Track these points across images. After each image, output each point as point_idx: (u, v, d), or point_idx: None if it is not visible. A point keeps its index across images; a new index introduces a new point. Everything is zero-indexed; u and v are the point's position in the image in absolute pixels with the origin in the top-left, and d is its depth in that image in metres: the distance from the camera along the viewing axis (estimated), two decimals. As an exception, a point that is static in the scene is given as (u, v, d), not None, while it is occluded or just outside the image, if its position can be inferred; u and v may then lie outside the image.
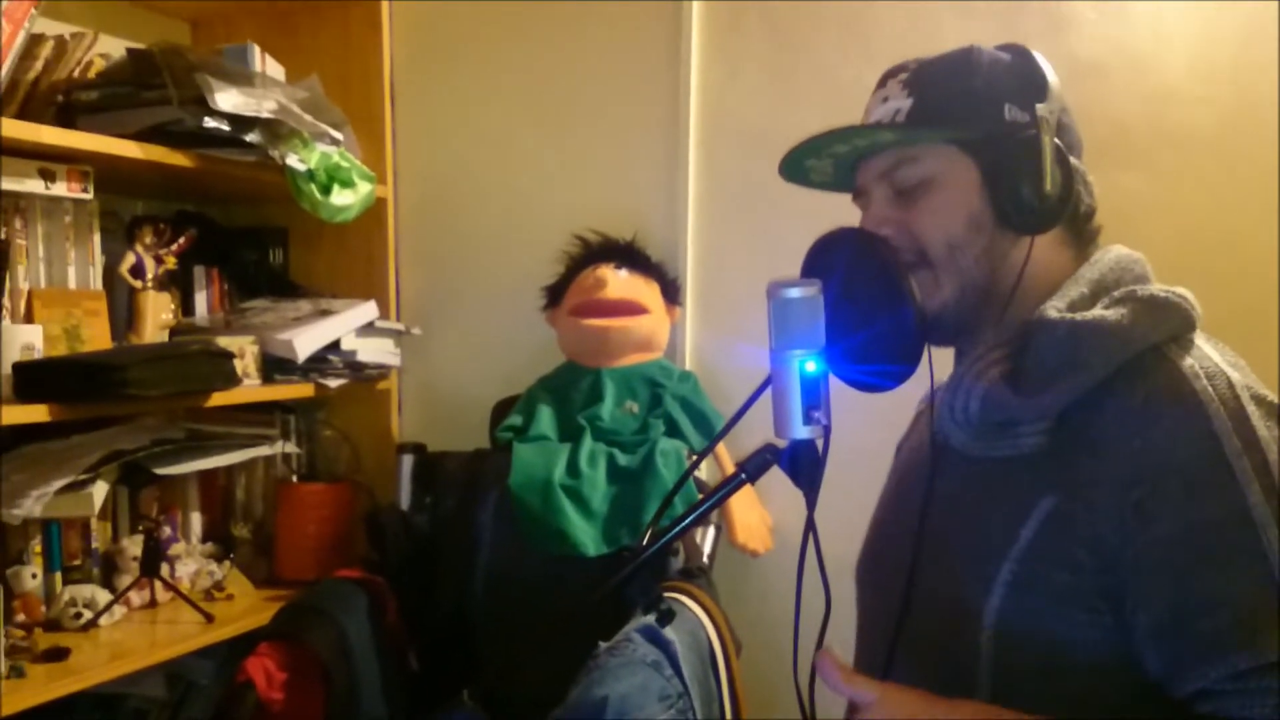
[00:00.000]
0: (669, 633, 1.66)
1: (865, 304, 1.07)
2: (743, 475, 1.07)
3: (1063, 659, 1.00)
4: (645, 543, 1.10)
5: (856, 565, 1.31)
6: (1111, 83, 2.04)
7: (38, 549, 1.98)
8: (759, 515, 2.19)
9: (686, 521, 1.11)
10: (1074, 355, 1.01)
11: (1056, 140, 1.09)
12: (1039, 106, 1.10)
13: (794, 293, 1.02)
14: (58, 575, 2.01)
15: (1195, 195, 2.00)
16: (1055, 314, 1.04)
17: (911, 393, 1.19)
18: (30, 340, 1.81)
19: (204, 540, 2.35)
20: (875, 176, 1.17)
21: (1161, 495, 0.96)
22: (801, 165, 1.23)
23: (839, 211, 1.23)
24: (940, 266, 1.12)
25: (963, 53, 1.16)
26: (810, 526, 1.05)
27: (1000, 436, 1.06)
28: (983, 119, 1.12)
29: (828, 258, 1.12)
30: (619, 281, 2.22)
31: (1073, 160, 1.11)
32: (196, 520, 2.34)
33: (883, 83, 1.19)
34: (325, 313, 2.35)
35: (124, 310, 2.17)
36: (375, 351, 2.43)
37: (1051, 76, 1.13)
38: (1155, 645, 0.96)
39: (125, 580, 2.08)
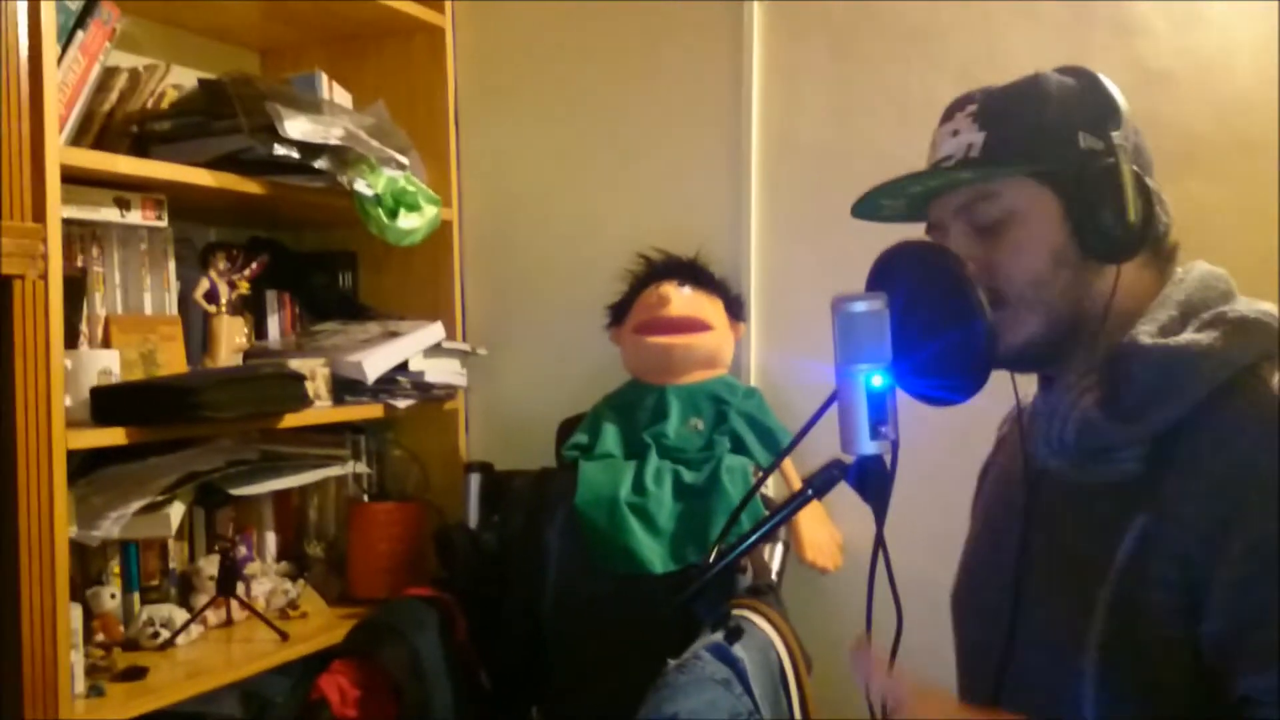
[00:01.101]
0: (738, 650, 1.65)
1: (932, 316, 1.06)
2: (809, 491, 1.07)
3: (1163, 675, 1.01)
4: (712, 559, 1.10)
5: (952, 596, 1.31)
6: (1181, 91, 2.01)
7: (116, 570, 2.02)
8: (829, 533, 2.18)
9: (753, 538, 1.11)
10: (1169, 381, 1.02)
11: (1134, 166, 1.08)
12: (1114, 134, 1.09)
13: (859, 307, 1.02)
14: (136, 595, 2.05)
15: (1267, 203, 1.95)
16: (1148, 340, 1.05)
17: (984, 407, 1.18)
18: (107, 365, 1.84)
19: (278, 559, 2.38)
20: (952, 213, 1.15)
21: (1242, 511, 0.96)
22: (874, 203, 1.22)
23: (904, 226, 1.22)
24: (1024, 303, 1.11)
25: (1029, 82, 1.14)
26: (879, 543, 1.04)
27: (1096, 462, 1.06)
28: (1058, 150, 1.10)
29: (893, 271, 1.12)
30: (682, 299, 2.22)
31: (1148, 181, 1.10)
32: (271, 540, 2.37)
33: (950, 115, 1.17)
34: (393, 334, 2.38)
35: (199, 335, 2.21)
36: (442, 372, 2.45)
37: (1121, 99, 1.12)
38: (1216, 652, 0.97)
39: (202, 599, 2.11)
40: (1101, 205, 1.07)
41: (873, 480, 1.02)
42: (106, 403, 1.79)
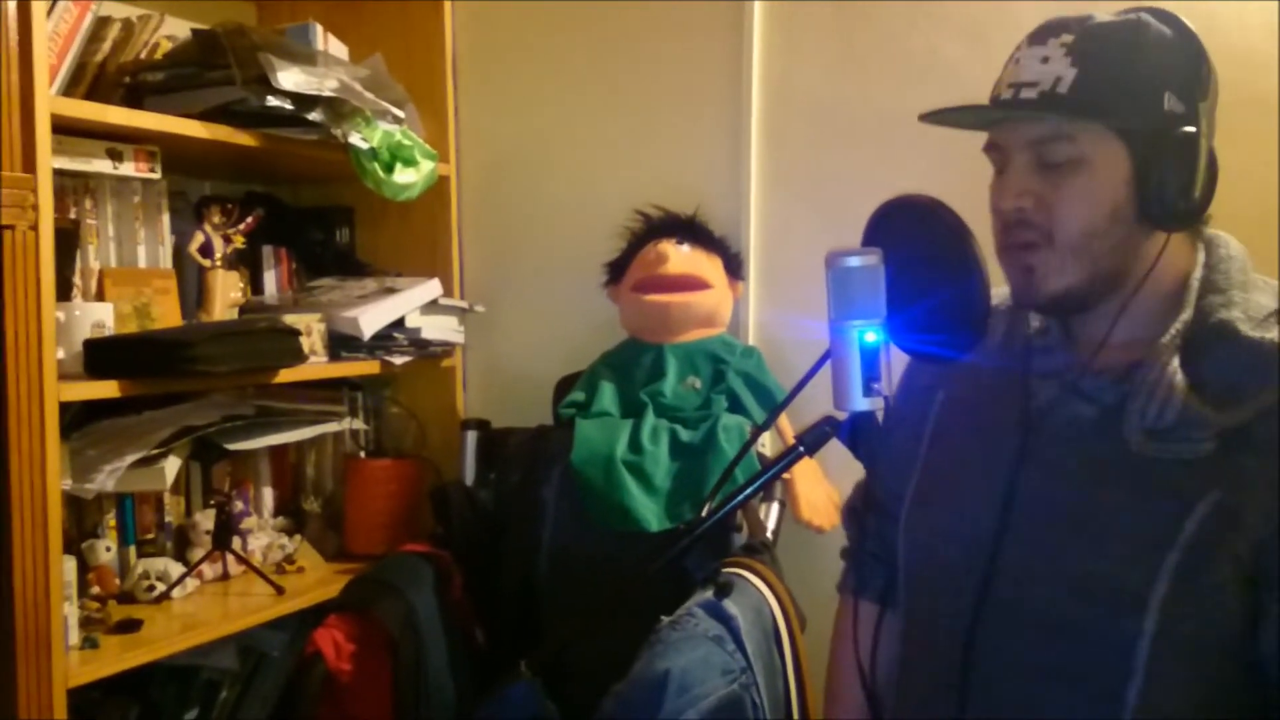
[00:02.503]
0: (731, 607, 1.65)
1: (929, 272, 1.05)
2: (800, 448, 1.06)
3: (1218, 637, 1.05)
4: (704, 515, 1.10)
5: (914, 553, 1.28)
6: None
7: (112, 523, 2.02)
8: (825, 491, 2.17)
9: (744, 494, 1.10)
10: (1269, 373, 1.05)
11: (1210, 142, 1.10)
12: (1201, 105, 1.10)
13: (854, 262, 1.01)
14: (132, 549, 2.05)
15: (1271, 159, 1.93)
16: (1249, 330, 1.07)
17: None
18: (101, 318, 1.84)
19: (275, 515, 2.38)
20: (1022, 143, 1.14)
21: None
22: (941, 115, 1.20)
23: (905, 183, 1.20)
24: (1072, 251, 1.12)
25: (1130, 27, 1.12)
26: (869, 497, 1.04)
27: (1174, 440, 1.07)
28: (1142, 107, 1.10)
29: (890, 226, 1.11)
30: (681, 257, 2.21)
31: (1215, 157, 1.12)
32: (268, 495, 2.38)
33: (1041, 39, 1.14)
34: (390, 291, 2.37)
35: (193, 289, 2.20)
36: (439, 329, 2.44)
37: (1212, 66, 1.12)
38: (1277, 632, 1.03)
39: (198, 553, 2.11)
40: (1170, 174, 1.08)
41: (864, 436, 1.02)
42: (100, 355, 1.78)
